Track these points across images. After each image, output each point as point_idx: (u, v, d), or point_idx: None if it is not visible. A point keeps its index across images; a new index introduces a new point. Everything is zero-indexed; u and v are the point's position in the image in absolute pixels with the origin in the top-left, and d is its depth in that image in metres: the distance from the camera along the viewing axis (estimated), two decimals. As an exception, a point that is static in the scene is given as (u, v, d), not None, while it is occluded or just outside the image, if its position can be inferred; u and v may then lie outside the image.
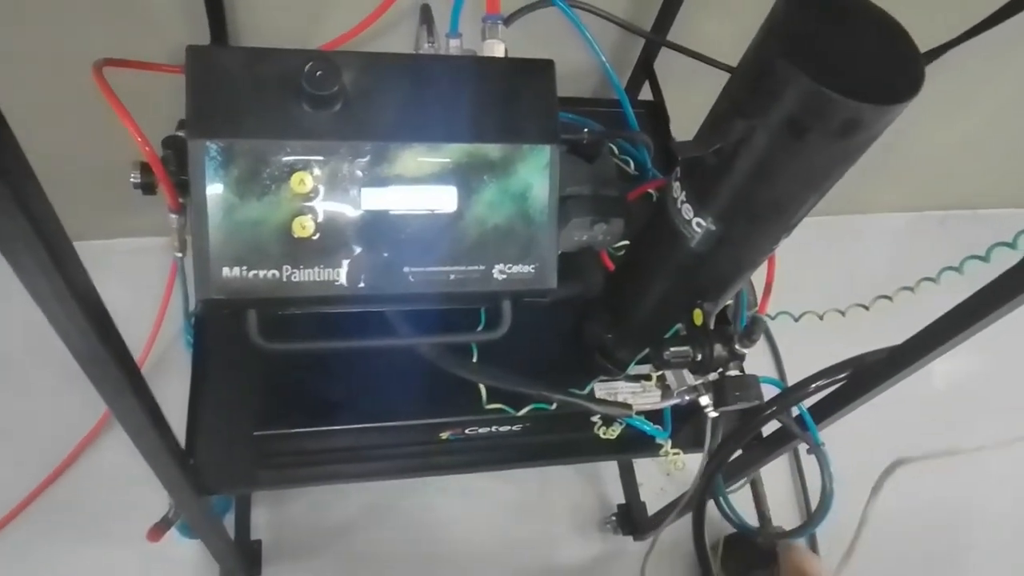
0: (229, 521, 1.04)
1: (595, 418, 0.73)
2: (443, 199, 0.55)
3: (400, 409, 0.72)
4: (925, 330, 0.58)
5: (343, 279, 0.54)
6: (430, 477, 1.04)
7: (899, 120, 0.47)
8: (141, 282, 1.13)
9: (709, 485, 0.77)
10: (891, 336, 0.60)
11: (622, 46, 1.02)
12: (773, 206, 0.53)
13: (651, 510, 1.12)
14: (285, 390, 0.70)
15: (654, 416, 0.74)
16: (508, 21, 0.61)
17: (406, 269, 0.55)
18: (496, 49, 0.57)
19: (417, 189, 0.54)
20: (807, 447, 0.68)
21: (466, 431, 0.74)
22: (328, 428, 0.71)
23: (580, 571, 1.15)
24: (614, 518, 1.16)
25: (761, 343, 1.37)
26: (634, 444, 0.76)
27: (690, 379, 0.67)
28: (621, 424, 0.74)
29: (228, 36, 0.89)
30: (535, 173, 0.56)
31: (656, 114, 0.99)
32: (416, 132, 0.54)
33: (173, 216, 0.62)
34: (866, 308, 0.84)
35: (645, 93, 1.03)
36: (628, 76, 1.04)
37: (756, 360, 1.33)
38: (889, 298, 0.80)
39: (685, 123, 0.55)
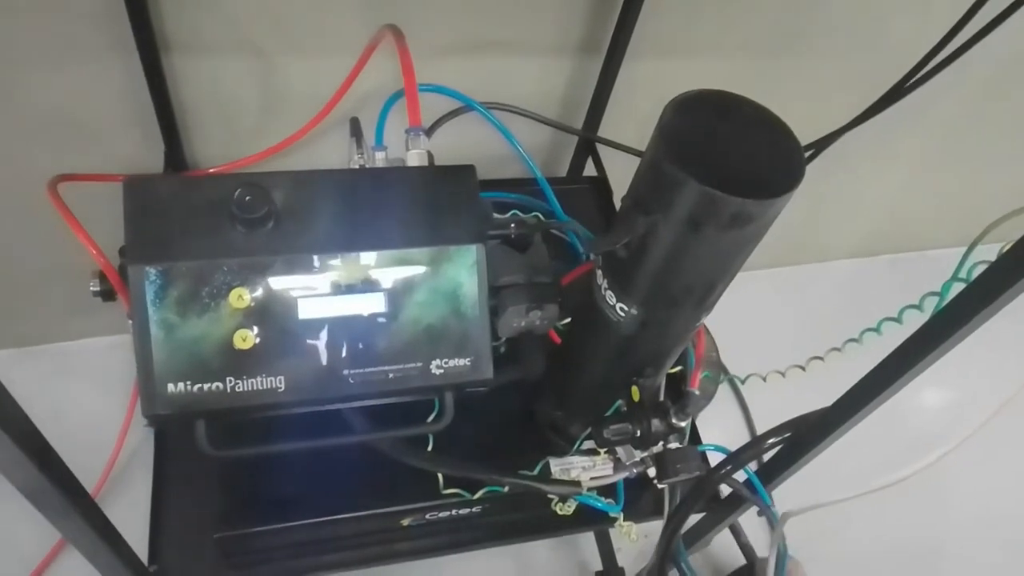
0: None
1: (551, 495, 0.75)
2: (377, 303, 0.58)
3: (358, 500, 0.73)
4: (853, 388, 0.61)
5: (284, 386, 0.56)
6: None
7: (838, 172, 0.50)
8: (112, 379, 1.14)
9: (668, 551, 0.78)
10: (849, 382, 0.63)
11: (566, 120, 1.08)
12: (686, 291, 0.56)
13: (630, 574, 1.12)
14: (242, 491, 0.72)
15: (609, 489, 0.76)
16: (430, 131, 0.65)
17: (346, 372, 0.57)
18: (419, 159, 0.61)
19: (351, 296, 0.57)
20: (757, 509, 0.70)
21: (426, 516, 0.76)
22: (287, 524, 0.72)
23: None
24: (593, 588, 1.16)
25: (732, 403, 1.39)
26: (591, 518, 0.77)
27: (637, 453, 0.70)
28: (576, 500, 0.75)
29: (180, 143, 0.93)
30: (464, 271, 0.59)
31: (600, 189, 1.04)
32: (346, 243, 0.57)
33: (131, 322, 0.64)
34: (821, 359, 0.88)
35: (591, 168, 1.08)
36: (572, 153, 1.09)
37: (727, 420, 1.36)
38: (838, 349, 0.84)
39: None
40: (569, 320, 0.75)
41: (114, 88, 0.86)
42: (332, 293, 0.57)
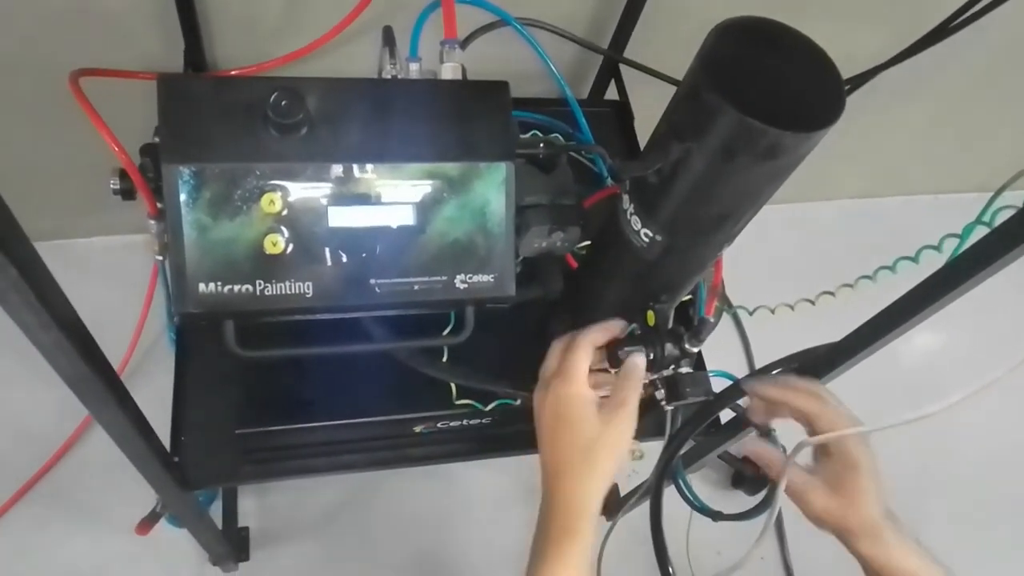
0: (217, 510, 1.08)
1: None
2: (405, 215, 0.58)
3: (373, 406, 0.76)
4: (865, 324, 0.62)
5: (313, 292, 0.58)
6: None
7: (865, 109, 0.50)
8: (126, 279, 1.16)
9: (666, 469, 0.81)
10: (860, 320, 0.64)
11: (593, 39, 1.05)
12: (713, 220, 0.57)
13: (624, 488, 1.17)
14: (264, 390, 0.74)
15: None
16: (464, 44, 0.64)
17: (372, 281, 0.59)
18: (453, 72, 0.60)
19: (381, 207, 0.58)
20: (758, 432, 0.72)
21: (438, 424, 0.79)
22: (305, 425, 0.75)
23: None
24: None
25: (732, 334, 1.42)
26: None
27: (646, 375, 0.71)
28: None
29: (201, 41, 0.91)
30: (492, 189, 0.60)
31: (621, 113, 1.03)
32: (378, 153, 0.57)
33: (152, 222, 0.65)
34: (832, 295, 0.89)
35: (612, 91, 1.06)
36: (595, 75, 1.07)
37: (727, 351, 1.39)
38: (850, 286, 0.85)
39: (652, 120, 0.58)
40: (588, 244, 0.76)
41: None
42: (362, 203, 0.57)
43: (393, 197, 0.58)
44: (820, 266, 1.17)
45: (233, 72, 0.92)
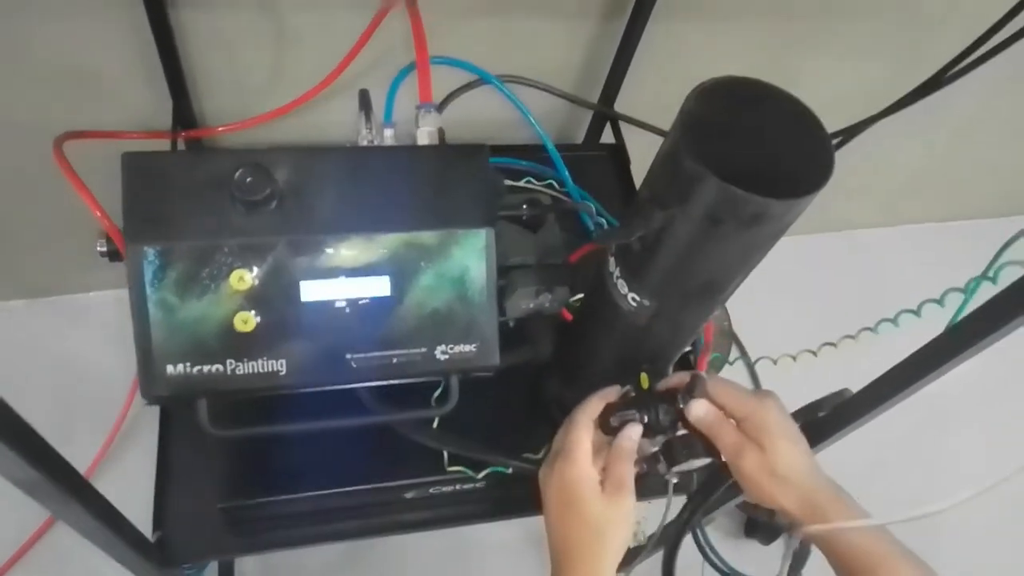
0: (213, 571, 1.06)
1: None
2: (381, 287, 0.56)
3: (361, 473, 0.73)
4: (863, 391, 0.59)
5: (286, 369, 0.55)
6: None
7: (863, 148, 0.48)
8: (124, 331, 1.14)
9: (678, 540, 0.78)
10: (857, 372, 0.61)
11: (583, 89, 1.04)
12: (701, 286, 0.54)
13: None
14: (247, 462, 0.72)
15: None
16: (442, 106, 0.62)
17: (348, 356, 0.56)
18: (429, 137, 0.59)
19: (355, 279, 0.56)
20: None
21: (430, 490, 0.76)
22: (291, 496, 0.72)
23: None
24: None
25: (744, 381, 1.38)
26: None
27: (646, 445, 0.68)
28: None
29: (188, 98, 0.90)
30: (472, 256, 0.57)
31: (617, 157, 1.01)
32: (351, 224, 0.55)
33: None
34: (834, 346, 0.86)
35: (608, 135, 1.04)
36: (589, 119, 1.05)
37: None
38: (852, 337, 0.82)
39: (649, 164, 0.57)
40: (580, 297, 0.73)
41: (122, 42, 0.84)
42: (335, 276, 0.55)
43: (368, 269, 0.56)
44: (823, 309, 1.13)
45: (220, 128, 0.92)
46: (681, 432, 0.66)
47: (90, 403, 1.13)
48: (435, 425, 0.71)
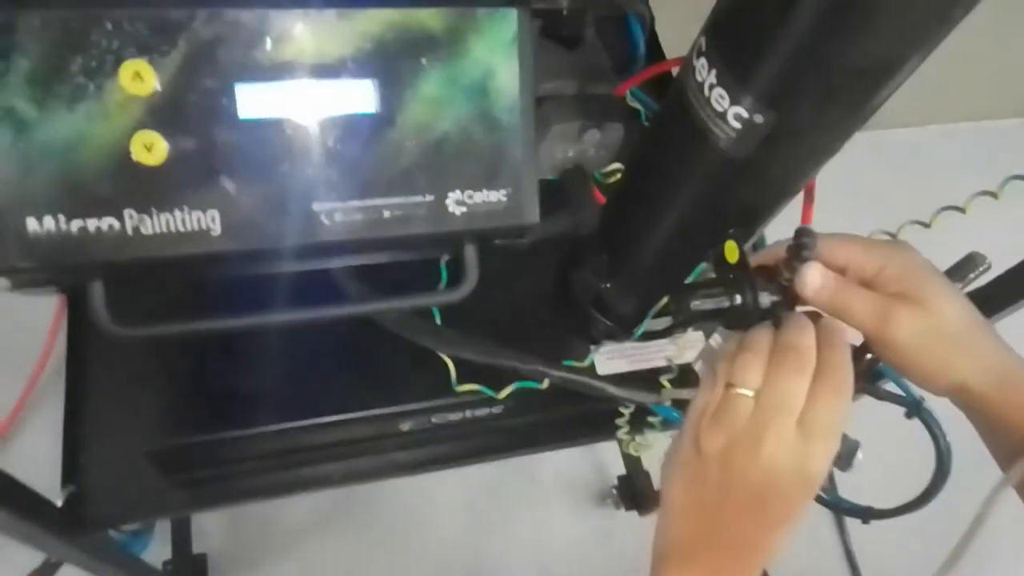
0: (165, 538, 0.87)
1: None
2: (363, 97, 0.37)
3: (343, 399, 0.55)
4: None
5: (220, 227, 0.36)
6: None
7: None
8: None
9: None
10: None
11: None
12: (858, 73, 0.35)
13: (657, 480, 0.97)
14: (183, 387, 0.53)
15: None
16: None
17: (316, 207, 0.37)
18: None
19: (321, 83, 0.36)
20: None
21: (432, 419, 0.58)
22: (248, 432, 0.53)
23: (580, 560, 1.00)
24: (615, 492, 1.01)
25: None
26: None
27: (719, 340, 0.50)
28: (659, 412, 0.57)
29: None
30: (497, 52, 0.38)
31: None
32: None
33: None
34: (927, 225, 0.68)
35: None
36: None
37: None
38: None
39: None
40: (621, 166, 0.54)
41: None
42: (291, 76, 0.36)
43: (341, 66, 0.36)
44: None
45: None
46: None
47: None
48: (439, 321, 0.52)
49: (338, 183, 0.37)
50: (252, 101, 0.35)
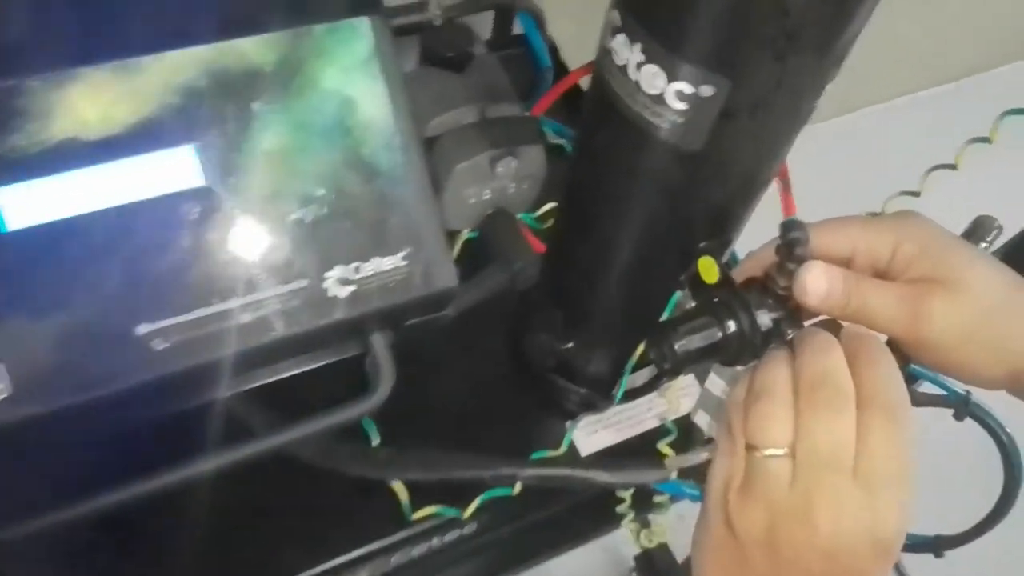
0: None
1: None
2: (180, 167, 0.27)
3: (277, 562, 0.43)
4: None
5: (9, 386, 0.25)
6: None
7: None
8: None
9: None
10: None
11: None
12: (815, 17, 0.27)
13: (680, 553, 0.85)
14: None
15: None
16: None
17: (142, 330, 0.26)
18: None
19: (121, 163, 0.26)
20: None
21: (392, 560, 0.46)
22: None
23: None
24: (634, 574, 0.89)
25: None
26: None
27: (717, 381, 0.40)
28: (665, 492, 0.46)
29: None
30: (353, 76, 0.29)
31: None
32: (104, 44, 0.26)
33: None
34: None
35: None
36: None
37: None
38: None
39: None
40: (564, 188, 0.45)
41: None
42: (77, 162, 0.26)
43: (145, 135, 0.26)
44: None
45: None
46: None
47: None
48: (376, 443, 0.41)
49: (167, 291, 0.26)
50: (21, 204, 0.25)
